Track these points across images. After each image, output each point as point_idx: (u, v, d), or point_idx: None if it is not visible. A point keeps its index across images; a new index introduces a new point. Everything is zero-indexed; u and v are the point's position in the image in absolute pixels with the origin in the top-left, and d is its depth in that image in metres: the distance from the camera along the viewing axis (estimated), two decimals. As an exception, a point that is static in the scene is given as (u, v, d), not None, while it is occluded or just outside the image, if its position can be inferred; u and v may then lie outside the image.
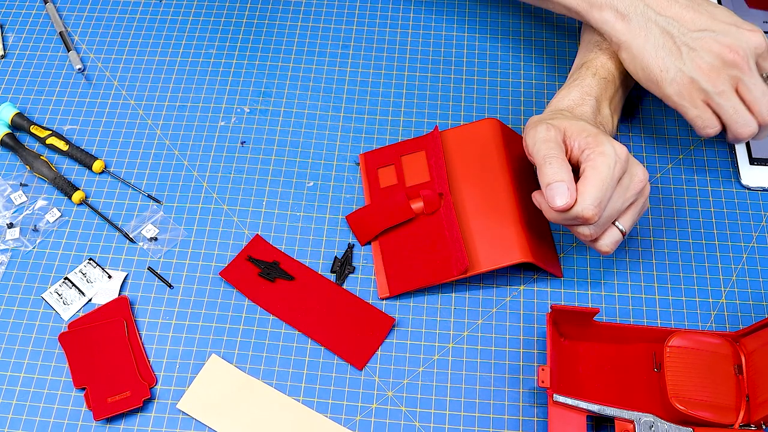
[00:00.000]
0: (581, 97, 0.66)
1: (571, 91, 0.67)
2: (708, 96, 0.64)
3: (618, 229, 0.62)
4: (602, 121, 0.66)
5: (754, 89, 0.64)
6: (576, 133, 0.61)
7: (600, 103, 0.66)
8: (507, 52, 0.80)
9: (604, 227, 0.61)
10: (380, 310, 0.66)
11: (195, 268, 0.68)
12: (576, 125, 0.61)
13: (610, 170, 0.58)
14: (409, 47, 0.81)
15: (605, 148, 0.59)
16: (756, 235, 0.70)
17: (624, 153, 0.60)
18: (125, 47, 0.81)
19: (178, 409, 0.62)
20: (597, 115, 0.66)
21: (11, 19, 0.84)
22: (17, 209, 0.72)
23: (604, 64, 0.68)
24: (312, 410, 0.62)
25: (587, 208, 0.58)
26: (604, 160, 0.58)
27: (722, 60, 0.63)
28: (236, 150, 0.75)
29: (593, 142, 0.60)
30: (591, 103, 0.66)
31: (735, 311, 0.66)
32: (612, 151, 0.59)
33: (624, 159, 0.59)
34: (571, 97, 0.66)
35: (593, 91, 0.66)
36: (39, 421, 0.62)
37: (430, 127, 0.76)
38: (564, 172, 0.59)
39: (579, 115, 0.65)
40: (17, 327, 0.66)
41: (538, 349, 0.65)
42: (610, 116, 0.67)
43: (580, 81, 0.67)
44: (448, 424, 0.62)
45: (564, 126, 0.61)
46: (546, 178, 0.59)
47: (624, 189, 0.60)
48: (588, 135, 0.60)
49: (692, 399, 0.58)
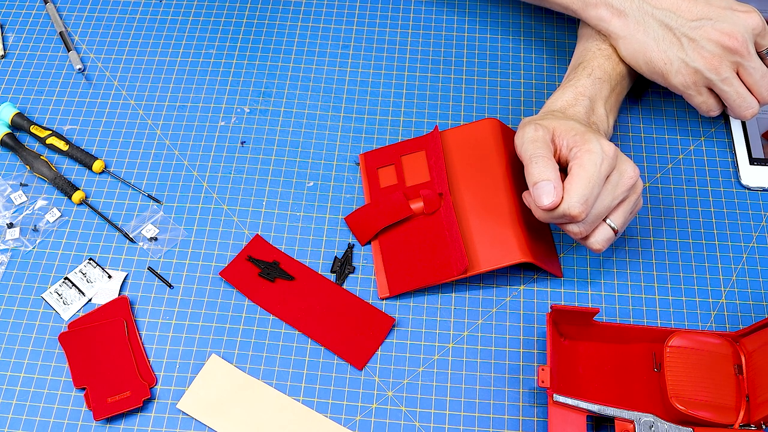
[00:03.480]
0: (575, 98, 0.66)
1: (565, 92, 0.67)
2: (712, 83, 0.66)
3: (609, 227, 0.62)
4: (596, 121, 0.66)
5: (754, 73, 0.66)
6: (564, 132, 0.61)
7: (594, 103, 0.67)
8: (507, 52, 0.80)
9: (593, 225, 0.61)
10: (380, 310, 0.66)
11: (195, 268, 0.68)
12: (565, 124, 0.62)
13: (596, 167, 0.59)
14: (409, 47, 0.81)
15: (592, 145, 0.59)
16: (756, 235, 0.70)
17: (611, 150, 0.60)
18: (125, 47, 0.81)
19: (178, 409, 0.62)
20: (591, 114, 0.66)
21: (11, 19, 0.84)
22: (17, 209, 0.72)
23: (601, 65, 0.68)
24: (312, 410, 0.62)
25: (573, 206, 0.58)
26: (591, 158, 0.59)
27: (723, 47, 0.64)
28: (236, 150, 0.75)
29: (581, 140, 0.60)
30: (585, 104, 0.66)
31: (735, 311, 0.66)
32: (599, 149, 0.59)
33: (611, 156, 0.60)
34: (564, 98, 0.66)
35: (587, 91, 0.67)
36: (39, 421, 0.62)
37: (430, 127, 0.76)
38: (550, 170, 0.59)
39: (571, 115, 0.65)
40: (17, 327, 0.66)
41: (538, 349, 0.65)
42: (606, 116, 0.67)
43: (574, 82, 0.67)
44: (448, 424, 0.62)
45: (553, 126, 0.62)
46: (532, 177, 0.60)
47: (613, 186, 0.60)
48: (576, 133, 0.61)
49: (692, 399, 0.58)
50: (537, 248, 0.66)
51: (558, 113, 0.65)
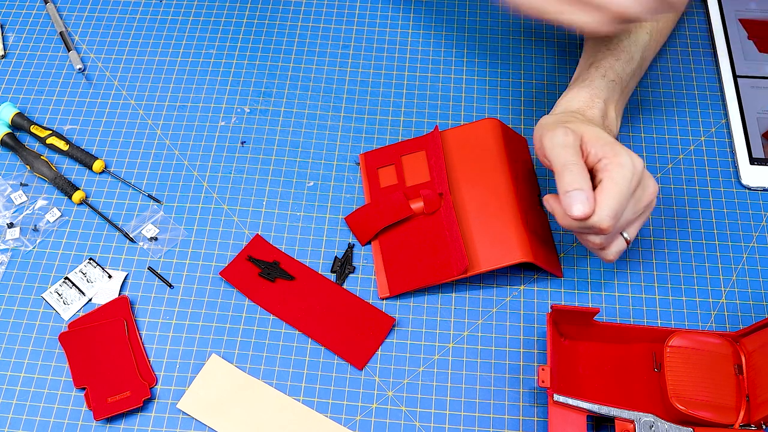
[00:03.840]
0: (591, 99, 0.66)
1: (581, 92, 0.66)
2: None
3: (624, 239, 0.62)
4: (608, 125, 0.66)
5: None
6: (593, 140, 0.60)
7: (607, 106, 0.66)
8: (507, 52, 0.80)
9: (614, 237, 0.61)
10: (380, 310, 0.66)
11: (195, 268, 0.68)
12: (592, 132, 0.61)
13: (627, 182, 0.58)
14: (410, 47, 0.81)
15: (623, 159, 0.59)
16: (756, 235, 0.70)
17: (641, 165, 0.59)
18: (125, 47, 0.81)
19: (178, 409, 0.62)
20: (604, 118, 0.66)
21: (11, 19, 0.84)
22: (17, 209, 0.72)
23: (612, 66, 0.68)
24: (312, 410, 0.62)
25: (604, 219, 0.57)
26: (623, 173, 0.58)
27: None
28: (236, 150, 0.75)
29: (611, 151, 0.59)
30: (600, 106, 0.65)
31: (735, 311, 0.66)
32: (630, 164, 0.59)
33: (640, 172, 0.59)
34: (581, 99, 0.66)
35: (602, 94, 0.66)
36: (39, 421, 0.62)
37: (430, 127, 0.76)
38: (584, 180, 0.58)
39: (590, 118, 0.64)
40: (17, 327, 0.66)
41: (538, 349, 0.65)
42: (615, 119, 0.67)
43: (589, 82, 0.67)
44: (448, 424, 0.62)
45: (581, 131, 0.61)
46: (565, 185, 0.58)
47: (636, 201, 0.60)
48: (605, 143, 0.60)
49: (692, 399, 0.58)
50: (537, 248, 0.66)
51: (578, 115, 0.64)
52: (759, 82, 0.77)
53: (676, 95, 0.77)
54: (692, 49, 0.81)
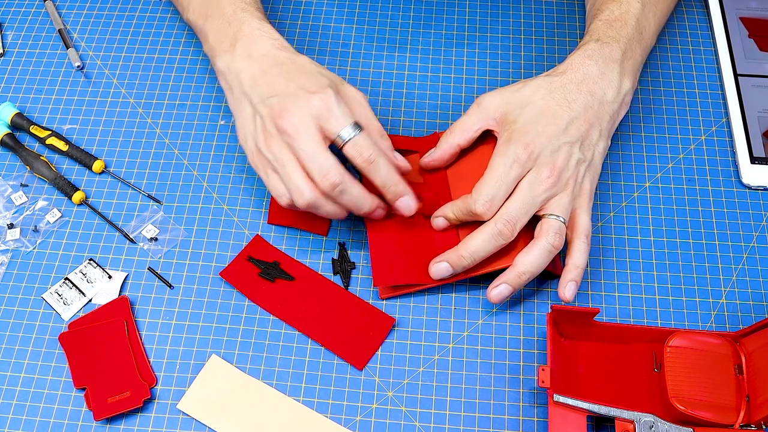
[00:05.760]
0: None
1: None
2: (271, 163, 0.63)
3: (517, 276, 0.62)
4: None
5: (304, 155, 0.61)
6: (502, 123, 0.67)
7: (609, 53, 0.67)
8: (507, 51, 0.80)
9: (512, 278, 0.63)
10: (380, 310, 0.66)
11: (195, 268, 0.68)
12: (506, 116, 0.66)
13: (505, 168, 0.62)
14: (410, 47, 0.81)
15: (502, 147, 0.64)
16: (756, 234, 0.70)
17: (524, 155, 0.62)
18: (124, 45, 0.81)
19: (178, 409, 0.62)
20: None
21: (10, 17, 0.83)
22: (17, 210, 0.71)
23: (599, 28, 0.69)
24: (312, 410, 0.62)
25: (477, 203, 0.62)
26: (500, 159, 0.63)
27: (276, 127, 0.61)
28: (236, 150, 0.75)
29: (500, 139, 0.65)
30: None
31: (735, 311, 0.66)
32: (512, 151, 0.63)
33: (523, 160, 0.62)
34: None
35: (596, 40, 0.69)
36: (39, 421, 0.62)
37: (430, 126, 0.76)
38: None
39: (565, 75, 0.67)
40: (17, 327, 0.66)
41: (538, 349, 0.65)
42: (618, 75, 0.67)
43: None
44: (448, 424, 0.62)
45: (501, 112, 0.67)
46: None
47: (528, 188, 0.62)
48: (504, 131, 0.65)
49: (692, 399, 0.58)
50: (537, 248, 0.66)
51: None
52: (760, 80, 0.77)
53: (677, 94, 0.77)
54: (693, 47, 0.81)
